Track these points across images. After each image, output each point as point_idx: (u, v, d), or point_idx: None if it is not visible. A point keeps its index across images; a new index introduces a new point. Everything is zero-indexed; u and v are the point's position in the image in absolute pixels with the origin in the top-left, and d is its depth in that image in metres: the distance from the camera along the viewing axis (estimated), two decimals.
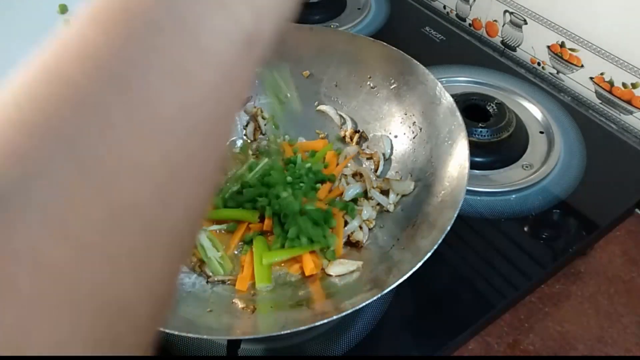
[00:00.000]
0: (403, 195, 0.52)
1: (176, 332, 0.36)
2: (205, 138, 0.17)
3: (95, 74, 0.15)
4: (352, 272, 0.47)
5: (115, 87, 0.15)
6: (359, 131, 0.59)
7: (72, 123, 0.14)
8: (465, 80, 0.74)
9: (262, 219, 0.51)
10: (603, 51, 0.69)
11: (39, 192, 0.14)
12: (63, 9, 0.78)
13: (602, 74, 0.71)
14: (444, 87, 0.52)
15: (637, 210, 0.61)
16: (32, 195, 0.13)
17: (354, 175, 0.57)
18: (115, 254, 0.15)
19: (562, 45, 0.74)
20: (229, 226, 0.52)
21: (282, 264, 0.49)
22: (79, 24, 0.16)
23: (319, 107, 0.61)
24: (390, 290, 0.38)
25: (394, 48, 0.56)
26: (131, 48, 0.15)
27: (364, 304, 0.37)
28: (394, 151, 0.57)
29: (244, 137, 0.62)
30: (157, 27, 0.16)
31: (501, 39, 0.84)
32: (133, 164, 0.15)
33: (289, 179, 0.54)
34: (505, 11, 0.81)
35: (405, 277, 0.38)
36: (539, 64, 0.79)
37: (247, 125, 0.62)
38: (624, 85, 0.69)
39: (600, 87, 0.72)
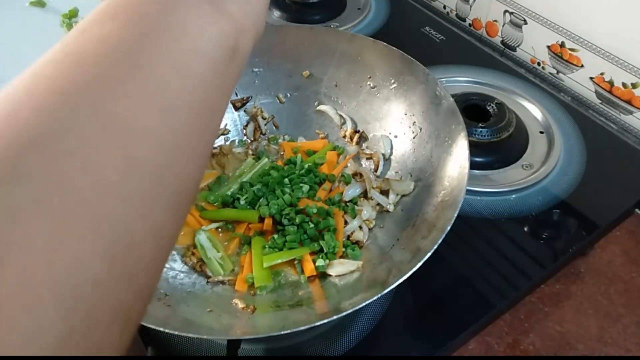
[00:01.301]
0: (403, 195, 0.52)
1: (176, 332, 0.36)
2: (198, 114, 0.21)
3: (113, 56, 0.19)
4: (352, 272, 0.47)
5: (129, 68, 0.19)
6: (359, 131, 0.59)
7: (94, 90, 0.18)
8: (465, 80, 0.74)
9: (261, 219, 0.51)
10: (603, 51, 0.69)
11: (70, 140, 0.17)
12: (73, 13, 0.80)
13: (602, 74, 0.71)
14: (444, 87, 0.52)
15: (637, 210, 0.61)
16: (64, 140, 0.17)
17: (354, 175, 0.57)
18: (128, 195, 0.18)
19: (562, 45, 0.74)
20: (225, 225, 0.52)
21: (282, 266, 0.49)
22: (95, 19, 0.20)
23: (319, 107, 0.61)
24: (390, 290, 0.38)
25: (394, 48, 0.56)
26: (144, 40, 0.20)
27: (364, 304, 0.37)
28: (393, 151, 0.57)
29: (244, 137, 0.62)
30: (164, 27, 0.20)
31: (501, 39, 0.84)
32: (142, 127, 0.18)
33: (287, 179, 0.54)
34: (505, 11, 0.81)
35: (405, 277, 0.38)
36: (539, 64, 0.79)
37: (247, 125, 0.62)
38: (624, 85, 0.69)
39: (600, 87, 0.72)
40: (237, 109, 0.62)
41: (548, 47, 0.77)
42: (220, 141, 0.61)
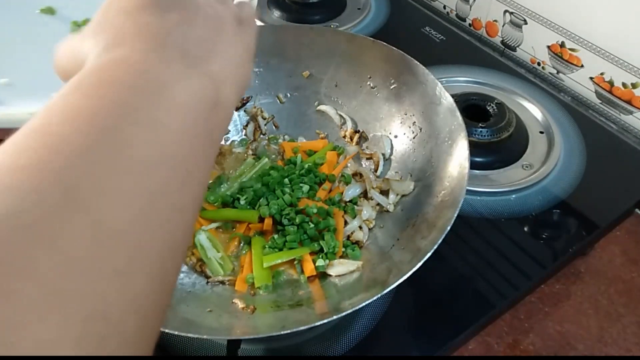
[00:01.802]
0: (403, 196, 0.52)
1: (176, 332, 0.36)
2: (176, 171, 0.20)
3: (76, 125, 0.18)
4: (352, 272, 0.47)
5: (105, 136, 0.19)
6: (359, 131, 0.59)
7: (59, 161, 0.17)
8: (465, 80, 0.74)
9: (261, 219, 0.51)
10: (603, 51, 0.69)
11: (33, 213, 0.16)
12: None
13: (602, 74, 0.71)
14: (444, 87, 0.52)
15: (637, 210, 0.61)
16: (26, 215, 0.16)
17: (354, 175, 0.57)
18: (99, 268, 0.16)
19: (562, 45, 0.74)
20: (224, 225, 0.52)
21: (282, 266, 0.49)
22: (68, 92, 0.20)
23: (319, 107, 0.61)
24: (390, 290, 0.38)
25: (394, 48, 0.56)
26: (117, 109, 0.19)
27: (364, 304, 0.37)
28: (393, 151, 0.57)
29: (244, 137, 0.62)
30: (136, 90, 0.20)
31: (501, 39, 0.84)
32: (113, 191, 0.17)
33: (287, 179, 0.54)
34: (505, 11, 0.81)
35: (405, 277, 0.38)
36: (539, 64, 0.79)
37: (247, 125, 0.62)
38: (624, 85, 0.69)
39: (600, 87, 0.72)
40: (237, 109, 0.62)
41: (548, 47, 0.77)
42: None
